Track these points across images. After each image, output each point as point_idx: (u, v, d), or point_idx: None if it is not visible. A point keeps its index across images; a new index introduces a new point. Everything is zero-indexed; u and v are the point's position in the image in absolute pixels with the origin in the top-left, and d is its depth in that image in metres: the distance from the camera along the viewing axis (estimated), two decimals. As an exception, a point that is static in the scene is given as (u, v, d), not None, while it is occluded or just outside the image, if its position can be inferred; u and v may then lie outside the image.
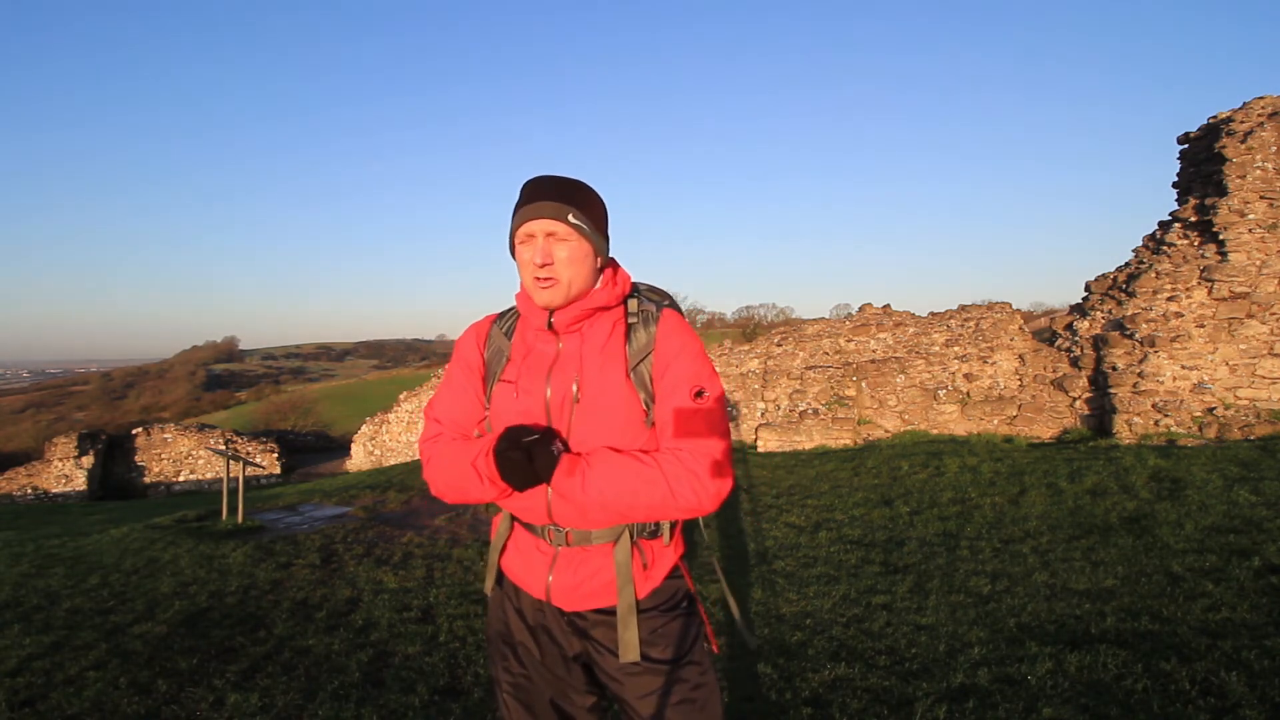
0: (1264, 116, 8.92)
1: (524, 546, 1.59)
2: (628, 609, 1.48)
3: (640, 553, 1.52)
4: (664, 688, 1.49)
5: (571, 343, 1.52)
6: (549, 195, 1.47)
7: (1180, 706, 2.76)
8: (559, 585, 1.52)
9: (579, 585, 1.51)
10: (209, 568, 5.49)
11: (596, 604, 1.52)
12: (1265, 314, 8.49)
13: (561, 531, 1.51)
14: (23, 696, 3.40)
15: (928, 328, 11.31)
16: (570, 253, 1.47)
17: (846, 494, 6.95)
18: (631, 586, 1.49)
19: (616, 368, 1.49)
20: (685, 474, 1.39)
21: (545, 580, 1.54)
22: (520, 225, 1.48)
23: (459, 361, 1.64)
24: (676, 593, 1.57)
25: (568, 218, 1.46)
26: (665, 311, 1.55)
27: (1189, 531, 4.88)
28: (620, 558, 1.50)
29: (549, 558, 1.53)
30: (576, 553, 1.51)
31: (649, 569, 1.53)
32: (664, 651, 1.51)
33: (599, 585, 1.51)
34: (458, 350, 1.65)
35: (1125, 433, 8.59)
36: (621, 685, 1.51)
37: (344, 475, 15.87)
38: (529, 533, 1.57)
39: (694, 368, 1.48)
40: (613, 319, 1.54)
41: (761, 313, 62.71)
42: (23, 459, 19.72)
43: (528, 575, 1.57)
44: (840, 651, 3.52)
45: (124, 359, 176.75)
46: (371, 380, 66.96)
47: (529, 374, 1.53)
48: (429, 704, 3.21)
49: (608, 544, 1.51)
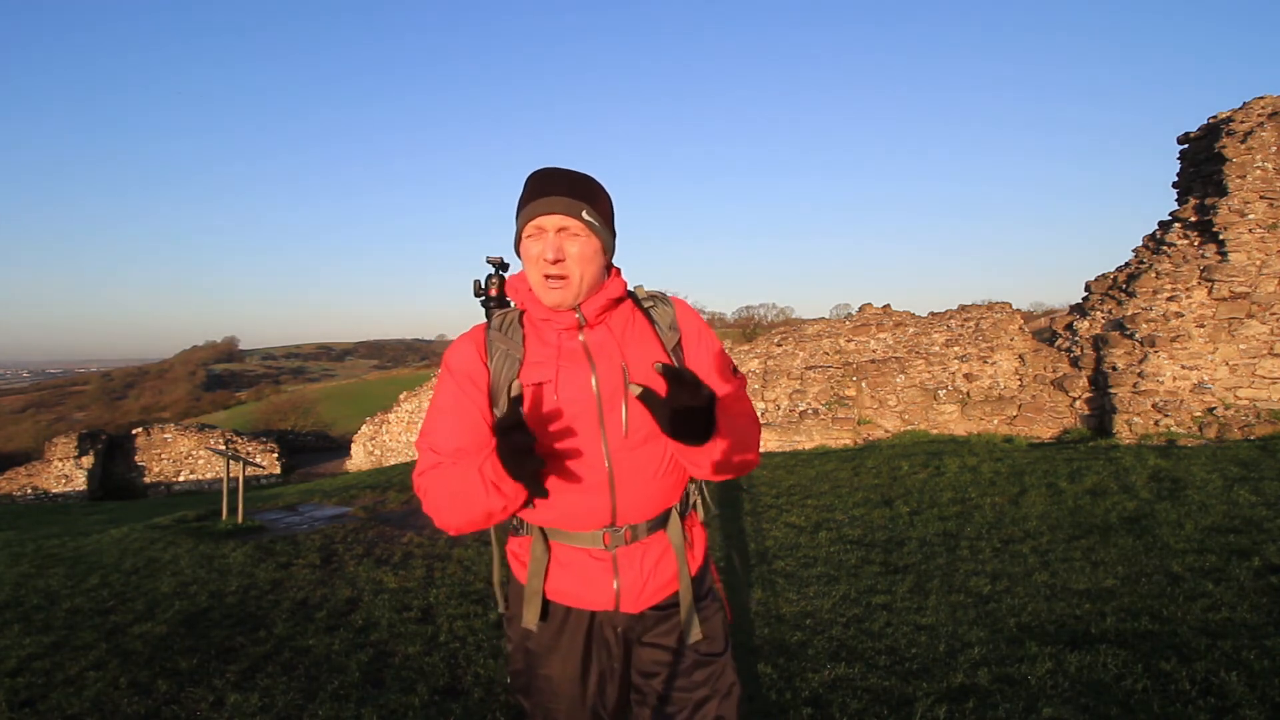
0: (1264, 116, 8.92)
1: (571, 562, 1.47)
2: (687, 589, 1.50)
3: (684, 532, 1.54)
4: (707, 681, 1.50)
5: (598, 334, 1.46)
6: (562, 190, 1.40)
7: (1180, 706, 2.76)
8: (628, 587, 1.46)
9: (647, 580, 1.48)
10: (209, 568, 5.48)
11: (665, 594, 1.51)
12: (1265, 314, 8.49)
13: (619, 531, 1.46)
14: (23, 696, 3.40)
15: (928, 328, 11.31)
16: (582, 249, 1.40)
17: (846, 494, 6.95)
18: (687, 567, 1.51)
19: (656, 348, 1.50)
20: (758, 432, 1.46)
21: (611, 587, 1.46)
22: (531, 219, 1.40)
23: (455, 379, 1.46)
24: (708, 579, 1.61)
25: (581, 214, 1.39)
26: (674, 298, 1.59)
27: (1189, 531, 4.87)
28: (675, 540, 1.50)
29: (608, 563, 1.46)
30: (636, 549, 1.47)
31: (693, 547, 1.56)
32: (710, 645, 1.53)
33: (665, 575, 1.50)
34: (451, 367, 1.48)
35: (1125, 433, 8.59)
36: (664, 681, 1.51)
37: (344, 475, 15.87)
38: (574, 545, 1.47)
39: (718, 345, 1.57)
40: (628, 308, 1.53)
41: (761, 313, 62.73)
42: (23, 459, 19.73)
43: (586, 590, 1.47)
44: (840, 651, 3.52)
45: (124, 359, 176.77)
46: (371, 380, 66.98)
47: (569, 367, 1.42)
48: (429, 704, 3.21)
49: (660, 531, 1.50)
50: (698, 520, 1.60)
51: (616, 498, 1.43)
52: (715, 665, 1.51)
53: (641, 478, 1.45)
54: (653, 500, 1.48)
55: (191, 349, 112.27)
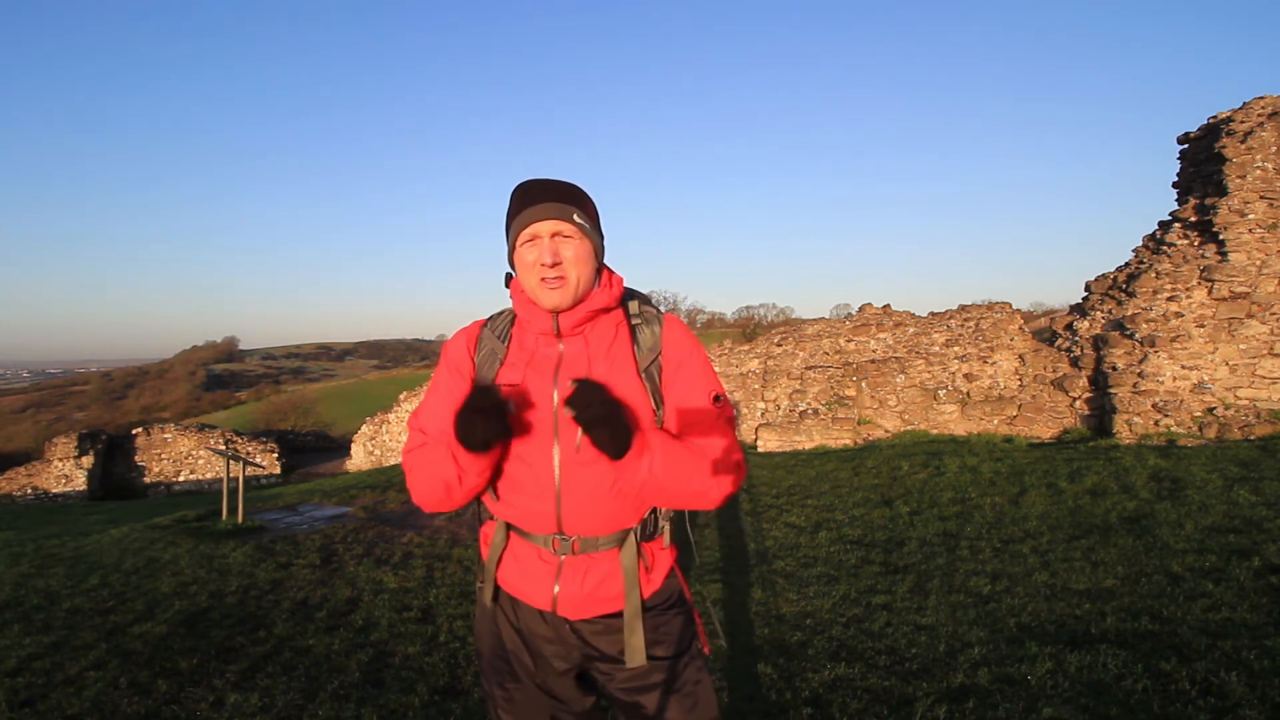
0: (1264, 116, 8.92)
1: (523, 556, 1.53)
2: (634, 614, 1.48)
3: (643, 556, 1.52)
4: (664, 684, 1.50)
5: (575, 345, 1.50)
6: (552, 196, 1.45)
7: (1180, 706, 2.76)
8: (566, 595, 1.49)
9: (588, 594, 1.49)
10: (209, 568, 5.48)
11: (604, 610, 1.50)
12: (1265, 314, 8.49)
13: (568, 540, 1.48)
14: (23, 696, 3.40)
15: (928, 328, 11.31)
16: (576, 252, 1.45)
17: (846, 494, 6.95)
18: (638, 591, 1.49)
19: (626, 368, 1.49)
20: (725, 468, 1.44)
21: (550, 591, 1.49)
22: (525, 227, 1.45)
23: (447, 367, 1.57)
24: (673, 592, 1.59)
25: (573, 217, 1.44)
26: (668, 315, 1.57)
27: (1189, 531, 4.87)
28: (627, 562, 1.49)
29: (553, 567, 1.49)
30: (583, 560, 1.49)
31: (651, 572, 1.54)
32: (665, 649, 1.52)
33: (607, 592, 1.50)
34: (446, 356, 1.58)
35: (1125, 433, 8.59)
36: (621, 684, 1.52)
37: (344, 475, 15.88)
38: (528, 542, 1.52)
39: (706, 372, 1.53)
40: (614, 321, 1.54)
41: (761, 313, 62.84)
42: (23, 459, 19.72)
43: (529, 586, 1.52)
44: (840, 651, 3.52)
45: (124, 359, 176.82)
46: (371, 380, 67.00)
47: (534, 377, 1.48)
48: (429, 704, 3.21)
49: (614, 549, 1.50)
50: (662, 545, 1.57)
51: (562, 508, 1.46)
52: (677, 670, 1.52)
53: (589, 494, 1.46)
54: (601, 518, 1.48)
55: (191, 349, 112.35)
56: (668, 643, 1.52)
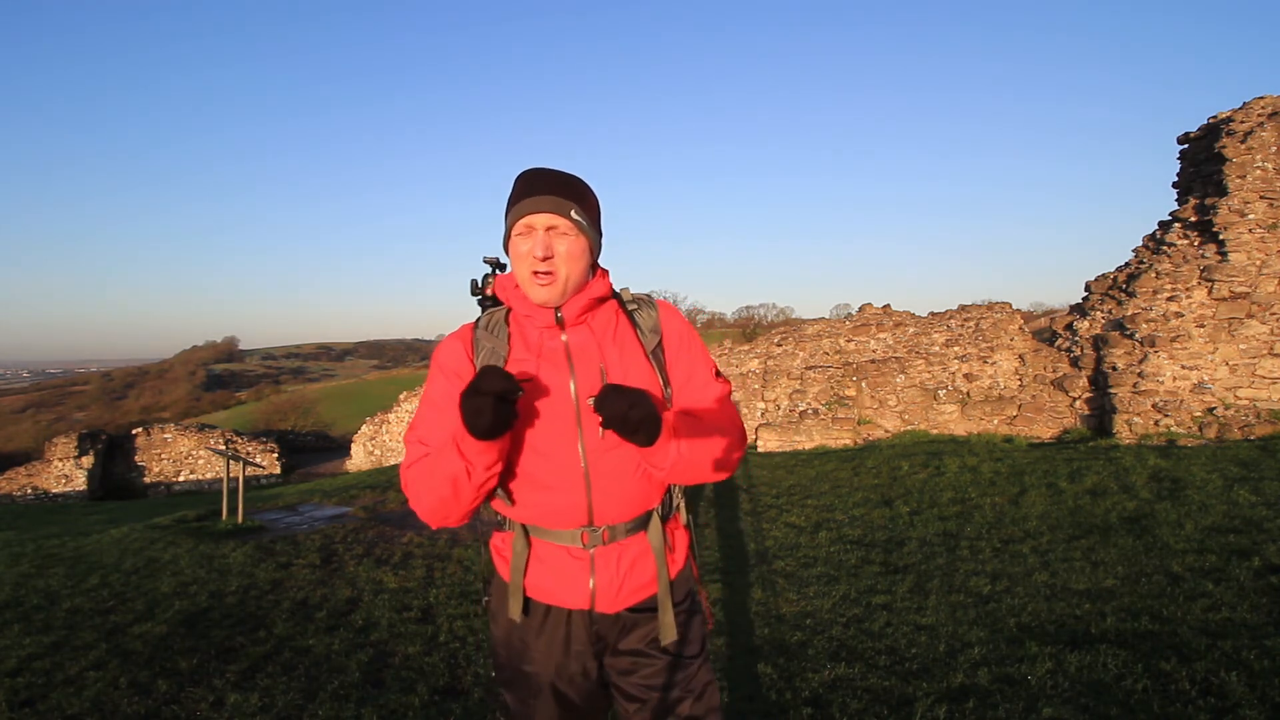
0: (1264, 116, 8.92)
1: (549, 558, 1.50)
2: (665, 592, 1.50)
3: (665, 535, 1.55)
4: (681, 682, 1.52)
5: (580, 334, 1.48)
6: (551, 189, 1.42)
7: (1180, 706, 2.76)
8: (604, 587, 1.48)
9: (623, 582, 1.49)
10: (209, 568, 5.48)
11: (640, 597, 1.51)
12: (1265, 314, 8.49)
13: (597, 530, 1.47)
14: (23, 696, 3.40)
15: (928, 328, 11.31)
16: (569, 248, 1.43)
17: (846, 494, 6.95)
18: (666, 570, 1.52)
19: (635, 351, 1.51)
20: (736, 438, 1.47)
21: (587, 586, 1.47)
22: (520, 217, 1.43)
23: (444, 374, 1.50)
24: (690, 587, 1.62)
25: (570, 213, 1.42)
26: (660, 300, 1.60)
27: (1189, 531, 4.87)
28: (655, 542, 1.51)
29: (585, 562, 1.48)
30: (614, 549, 1.48)
31: (673, 551, 1.57)
32: (686, 648, 1.54)
33: (640, 578, 1.51)
34: (440, 364, 1.51)
35: (1125, 433, 8.59)
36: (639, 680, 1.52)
37: (344, 475, 15.88)
38: (553, 542, 1.49)
39: (704, 349, 1.60)
40: (611, 309, 1.55)
41: (761, 313, 62.84)
42: (23, 459, 19.72)
43: (562, 588, 1.49)
44: (840, 651, 3.52)
45: (124, 359, 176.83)
46: (371, 380, 67.00)
47: (547, 368, 1.45)
48: (429, 704, 3.21)
49: (640, 532, 1.51)
50: (680, 524, 1.61)
51: (593, 497, 1.45)
52: (690, 668, 1.53)
53: (617, 478, 1.46)
54: (630, 501, 1.49)
55: (191, 349, 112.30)
56: (689, 641, 1.55)
